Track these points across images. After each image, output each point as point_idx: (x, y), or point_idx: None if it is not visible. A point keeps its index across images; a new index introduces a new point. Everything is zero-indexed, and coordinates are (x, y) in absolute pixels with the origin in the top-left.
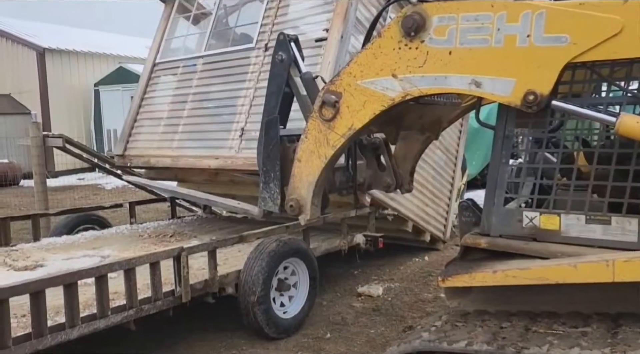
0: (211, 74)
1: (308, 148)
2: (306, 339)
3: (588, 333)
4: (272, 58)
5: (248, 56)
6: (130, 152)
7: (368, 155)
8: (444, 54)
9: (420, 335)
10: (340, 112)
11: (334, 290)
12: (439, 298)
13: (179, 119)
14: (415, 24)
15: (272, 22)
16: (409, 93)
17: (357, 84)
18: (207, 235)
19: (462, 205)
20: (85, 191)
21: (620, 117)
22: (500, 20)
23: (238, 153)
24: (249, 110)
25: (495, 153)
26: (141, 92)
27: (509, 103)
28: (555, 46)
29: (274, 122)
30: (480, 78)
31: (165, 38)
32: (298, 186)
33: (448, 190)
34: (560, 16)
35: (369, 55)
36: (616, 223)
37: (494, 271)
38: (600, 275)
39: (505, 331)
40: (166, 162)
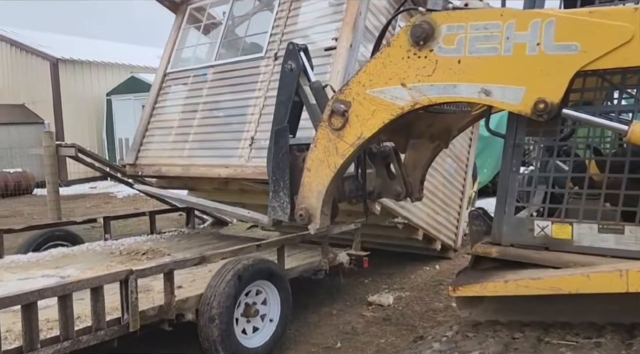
0: (221, 83)
1: (317, 157)
2: (316, 349)
3: (602, 344)
4: (281, 67)
5: (258, 65)
6: (142, 161)
7: (378, 163)
8: (453, 63)
9: (431, 345)
10: (350, 121)
11: (343, 299)
12: (450, 308)
13: (189, 128)
14: (424, 33)
15: (281, 31)
16: (418, 102)
17: (366, 93)
18: (184, 252)
19: (472, 214)
20: (96, 200)
21: (633, 125)
22: (510, 28)
23: (248, 162)
24: (259, 119)
25: (505, 162)
26: (152, 101)
27: (519, 112)
28: (566, 54)
29: (283, 131)
30: (489, 87)
31: (176, 48)
32: (308, 196)
33: (459, 198)
34: (570, 24)
35: (378, 64)
36: (630, 232)
37: (505, 280)
38: (614, 285)
39: (518, 342)
40: (177, 171)
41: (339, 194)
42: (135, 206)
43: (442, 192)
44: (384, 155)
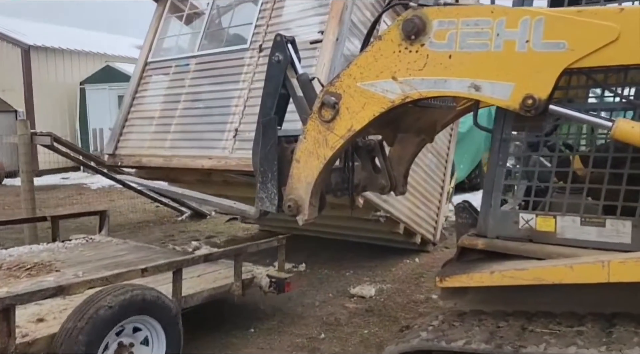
0: (204, 74)
1: (307, 149)
2: (300, 340)
3: (584, 332)
4: (268, 59)
5: (242, 57)
6: (121, 151)
7: (363, 157)
8: (444, 58)
9: (419, 334)
10: (340, 113)
11: (325, 291)
12: (430, 299)
13: (171, 119)
14: (416, 28)
15: (266, 23)
16: (409, 96)
17: (357, 86)
18: (80, 267)
19: (458, 207)
20: (69, 191)
21: (617, 122)
22: (500, 25)
23: (232, 154)
24: (243, 111)
25: (492, 156)
26: (132, 91)
27: (508, 107)
28: (554, 52)
29: (272, 123)
30: (479, 82)
31: (158, 37)
32: (296, 187)
33: (438, 193)
34: (558, 23)
35: (369, 58)
36: (611, 225)
37: (491, 271)
38: (596, 275)
39: (503, 331)
40: (158, 162)
41: (326, 186)
42: (111, 198)
43: (423, 187)
44: (369, 149)
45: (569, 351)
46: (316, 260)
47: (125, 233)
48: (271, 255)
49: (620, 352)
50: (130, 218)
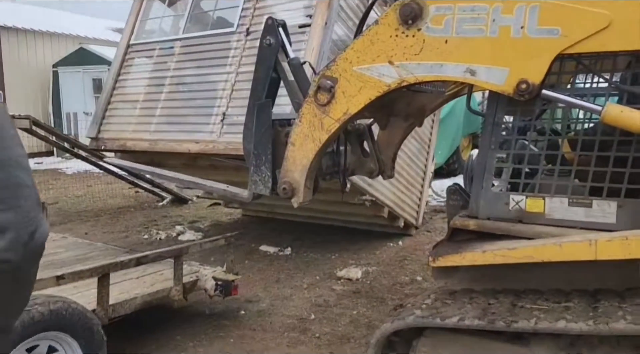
0: (190, 58)
1: (302, 132)
2: (291, 321)
3: (571, 308)
4: (259, 42)
5: (229, 40)
6: (104, 134)
7: (352, 141)
8: (440, 43)
9: (413, 312)
10: (336, 97)
11: (313, 274)
12: (415, 281)
13: (156, 102)
14: (413, 13)
15: (253, 6)
16: (405, 80)
17: (353, 70)
18: None
19: (450, 189)
20: (44, 176)
21: (606, 106)
22: (496, 11)
23: (220, 138)
24: (231, 95)
25: (484, 140)
26: (115, 73)
27: (503, 92)
28: (548, 38)
29: (266, 106)
30: (475, 67)
31: (140, 19)
32: (291, 169)
33: (421, 178)
34: (552, 9)
35: (365, 42)
36: (597, 205)
37: (483, 251)
38: (584, 253)
39: (494, 307)
40: (143, 146)
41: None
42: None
43: (407, 172)
44: (358, 133)
45: (559, 325)
46: (301, 244)
47: (106, 219)
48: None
49: (607, 325)
50: (109, 203)
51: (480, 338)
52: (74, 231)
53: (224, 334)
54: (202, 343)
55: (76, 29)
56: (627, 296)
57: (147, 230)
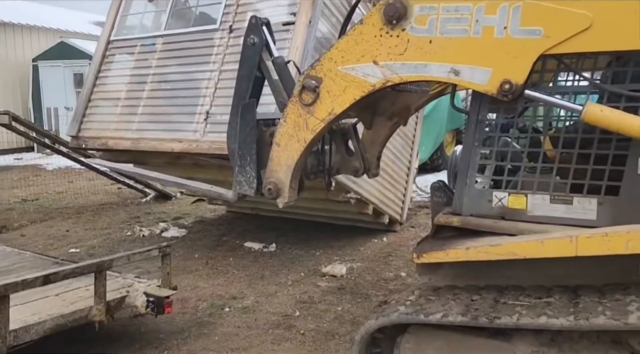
0: (172, 55)
1: (287, 132)
2: (276, 317)
3: (552, 303)
4: (243, 41)
5: (212, 37)
6: (85, 133)
7: (337, 140)
8: (424, 43)
9: (397, 309)
10: (321, 96)
11: (297, 270)
12: (399, 277)
13: (138, 100)
14: (397, 13)
15: (236, 2)
16: (390, 80)
17: (337, 70)
18: None
19: (433, 186)
20: (24, 172)
21: (586, 106)
22: (479, 12)
23: (203, 137)
24: (214, 93)
25: (468, 137)
26: (95, 70)
27: (486, 92)
28: (530, 38)
29: (250, 106)
30: (459, 67)
31: (121, 14)
32: (276, 170)
33: (405, 173)
34: (535, 10)
35: (350, 42)
36: (578, 202)
37: (466, 248)
38: (565, 250)
39: (477, 303)
40: (126, 145)
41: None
42: (69, 179)
43: (391, 168)
44: (343, 132)
45: (540, 320)
46: (286, 241)
47: (88, 216)
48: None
49: (587, 320)
50: (91, 200)
51: (464, 334)
52: (55, 228)
53: (208, 332)
54: (187, 341)
55: (57, 23)
56: (606, 291)
57: (130, 226)
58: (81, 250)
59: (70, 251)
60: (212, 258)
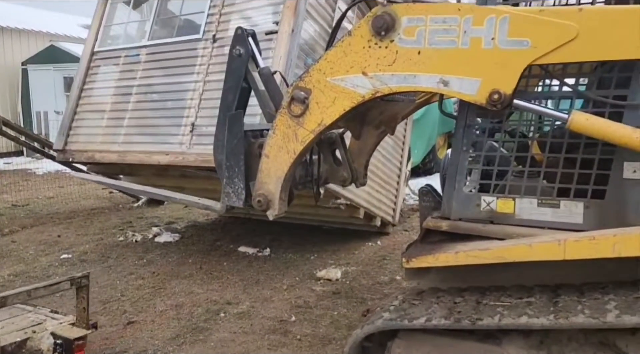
0: (156, 65)
1: (276, 143)
2: (272, 322)
3: (533, 303)
4: (229, 52)
5: (195, 47)
6: (72, 146)
7: (324, 150)
8: (413, 54)
9: (382, 315)
10: (310, 108)
11: (292, 275)
12: (395, 280)
13: (124, 112)
14: (386, 24)
15: (219, 11)
16: (379, 91)
17: (326, 81)
18: None
19: (422, 191)
20: (14, 176)
21: (572, 114)
22: (467, 23)
23: (189, 149)
24: (199, 105)
25: (456, 142)
26: (80, 82)
27: (475, 102)
28: (518, 49)
29: (237, 117)
30: (448, 78)
31: (104, 24)
32: (266, 181)
33: (396, 175)
34: (522, 21)
35: (338, 53)
36: (565, 206)
37: (456, 252)
38: (553, 253)
39: (460, 306)
40: (112, 158)
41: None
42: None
43: (382, 171)
44: (330, 142)
45: (521, 320)
46: (280, 245)
47: (79, 221)
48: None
49: (567, 319)
50: (83, 205)
51: (453, 337)
52: (47, 233)
53: (204, 338)
54: (182, 347)
55: (46, 26)
56: (585, 290)
57: (122, 231)
58: (73, 256)
59: (62, 257)
60: (206, 262)
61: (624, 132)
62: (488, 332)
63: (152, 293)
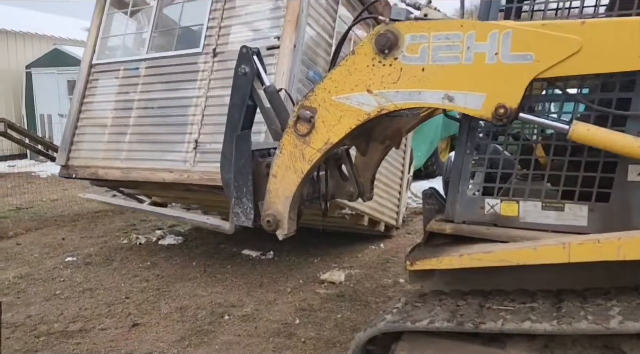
0: (157, 79)
1: (284, 163)
2: (276, 325)
3: (535, 308)
4: (234, 71)
5: (196, 61)
6: (74, 162)
7: (331, 165)
8: (417, 71)
9: (384, 318)
10: (316, 127)
11: (296, 278)
12: (398, 284)
13: (125, 127)
14: (389, 42)
15: (218, 24)
16: (385, 108)
17: (332, 100)
18: None
19: (425, 193)
20: (18, 179)
21: (573, 125)
22: (470, 39)
23: (194, 167)
24: (202, 121)
25: (460, 145)
26: (79, 96)
27: (481, 117)
28: (522, 63)
29: (245, 137)
30: (452, 93)
31: (101, 36)
32: (274, 202)
33: (399, 178)
34: (525, 36)
35: (343, 72)
36: (569, 209)
37: (460, 255)
38: (558, 256)
39: (462, 309)
40: (115, 175)
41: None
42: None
43: (385, 176)
44: (337, 157)
45: (524, 325)
46: (283, 248)
47: (83, 224)
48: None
49: (570, 325)
50: (86, 207)
51: (457, 340)
52: (51, 236)
53: (208, 341)
54: (187, 350)
55: (50, 29)
56: (588, 296)
57: (126, 234)
58: (78, 258)
59: (67, 259)
60: (210, 265)
61: (626, 142)
62: (492, 335)
63: (157, 295)
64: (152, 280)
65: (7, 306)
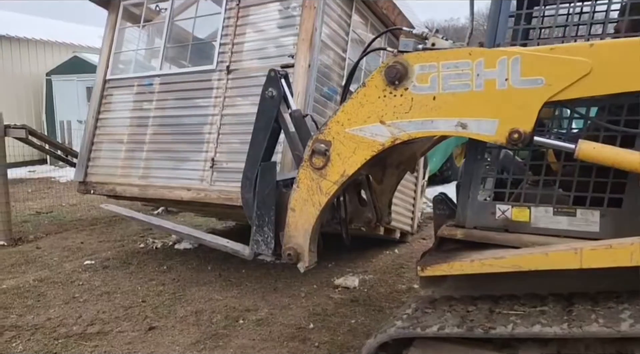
0: (171, 96)
1: (301, 197)
2: (290, 330)
3: (546, 312)
4: (261, 94)
5: (210, 78)
6: (92, 178)
7: (350, 191)
8: (428, 100)
9: (394, 323)
10: (331, 159)
11: (310, 282)
12: (412, 289)
13: (141, 144)
14: (398, 74)
15: (231, 41)
16: (398, 138)
17: (345, 132)
18: None
19: (436, 199)
20: (38, 184)
21: (579, 144)
22: (479, 66)
23: (211, 186)
24: (218, 139)
25: (471, 150)
26: (95, 111)
27: (496, 142)
28: (533, 88)
29: (270, 168)
30: (465, 121)
31: (114, 51)
32: (294, 235)
33: (413, 184)
34: (534, 61)
35: (355, 104)
36: (581, 214)
37: (471, 260)
38: (570, 262)
39: (472, 314)
40: (133, 192)
41: None
42: None
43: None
44: (357, 183)
45: (534, 329)
46: None
47: (101, 228)
48: None
49: (581, 329)
50: (104, 212)
51: (469, 346)
52: (70, 240)
53: (223, 344)
54: (202, 353)
55: (70, 37)
56: (599, 299)
57: (143, 238)
58: (96, 262)
59: (85, 263)
60: (225, 270)
61: (633, 159)
62: (504, 341)
63: (173, 299)
64: (168, 283)
65: (27, 309)
